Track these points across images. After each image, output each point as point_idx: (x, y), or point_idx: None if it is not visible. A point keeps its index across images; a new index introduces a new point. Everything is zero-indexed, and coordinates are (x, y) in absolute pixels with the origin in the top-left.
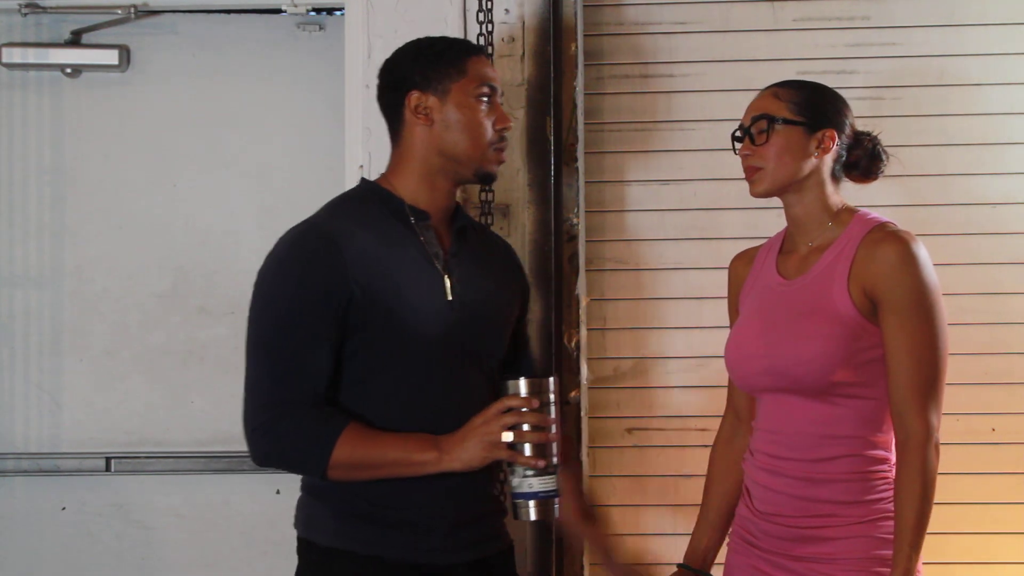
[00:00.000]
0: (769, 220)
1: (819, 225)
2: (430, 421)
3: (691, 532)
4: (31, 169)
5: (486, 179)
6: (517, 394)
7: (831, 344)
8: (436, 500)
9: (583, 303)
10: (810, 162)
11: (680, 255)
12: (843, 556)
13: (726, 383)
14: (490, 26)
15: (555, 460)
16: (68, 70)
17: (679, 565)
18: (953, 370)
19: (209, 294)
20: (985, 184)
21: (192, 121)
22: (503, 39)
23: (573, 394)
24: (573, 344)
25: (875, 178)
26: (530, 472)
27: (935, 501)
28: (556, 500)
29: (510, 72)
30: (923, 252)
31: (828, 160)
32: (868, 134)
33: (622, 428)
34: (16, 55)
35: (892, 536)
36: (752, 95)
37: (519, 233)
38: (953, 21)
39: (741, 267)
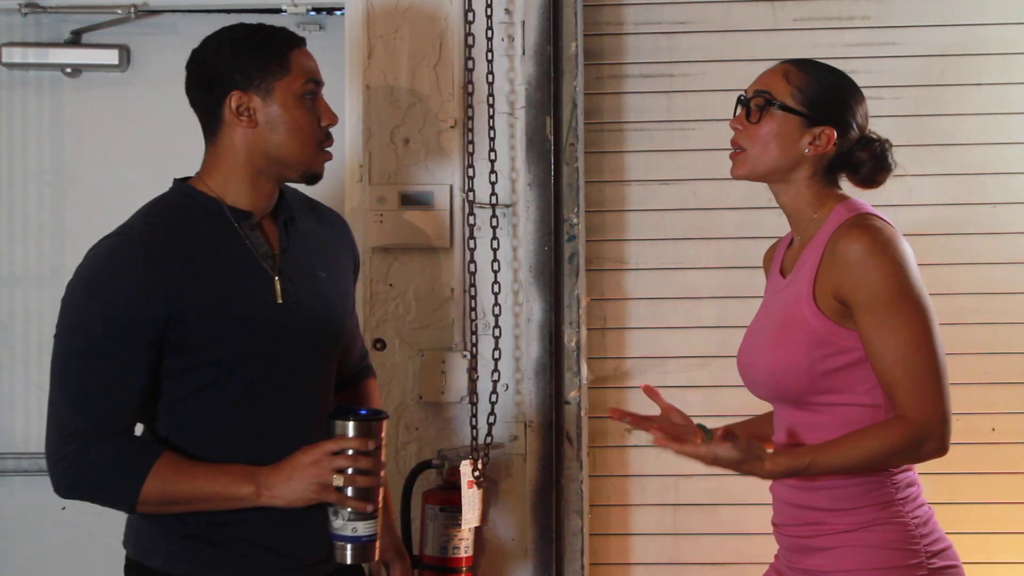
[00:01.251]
0: (769, 220)
1: (806, 218)
2: (263, 439)
3: (692, 531)
4: (31, 169)
5: (313, 180)
6: (348, 435)
7: (793, 353)
8: (273, 516)
9: (583, 303)
10: (798, 156)
11: (680, 255)
12: (836, 569)
13: (725, 383)
14: (490, 30)
15: (378, 504)
16: (68, 70)
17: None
18: (953, 370)
19: None
20: (985, 184)
21: (192, 121)
22: (503, 39)
23: (573, 394)
24: (573, 344)
25: (876, 186)
26: (354, 516)
27: (934, 501)
28: (376, 543)
29: (510, 72)
30: (891, 242)
31: (822, 157)
32: (879, 139)
33: (622, 428)
34: (16, 55)
35: (894, 545)
36: None
37: (519, 233)
38: (953, 21)
39: (767, 260)
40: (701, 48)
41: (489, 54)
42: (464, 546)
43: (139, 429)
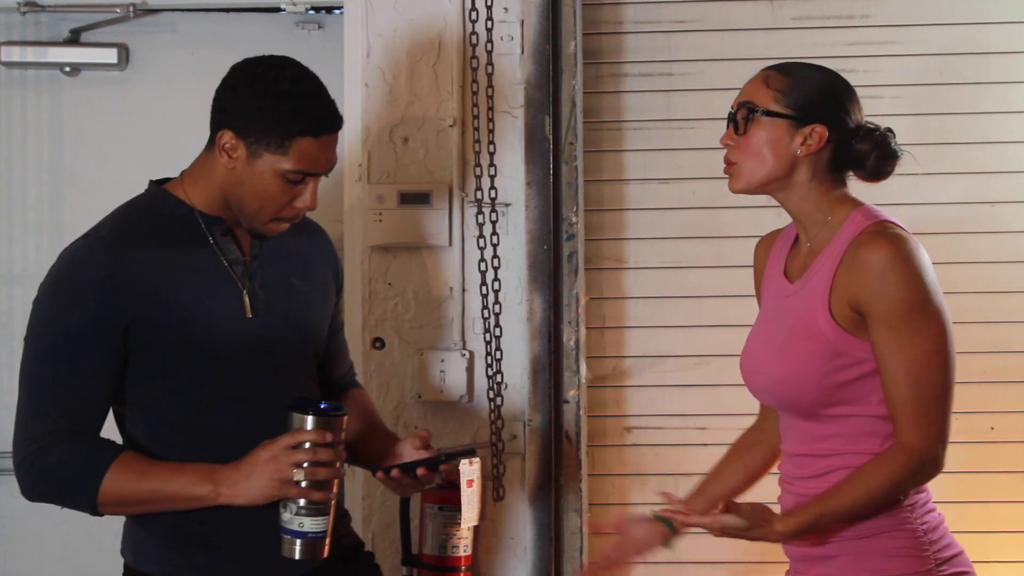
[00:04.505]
0: (769, 219)
1: (816, 223)
2: (234, 445)
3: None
4: (30, 168)
5: (259, 237)
6: (306, 428)
7: (804, 364)
8: (266, 517)
9: (582, 302)
10: (793, 159)
11: (679, 254)
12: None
13: (724, 382)
14: (489, 23)
15: (331, 500)
16: (67, 69)
17: (654, 514)
18: None
19: None
20: (984, 183)
21: (191, 120)
22: (502, 38)
23: (572, 393)
24: (572, 343)
25: (884, 178)
26: (304, 510)
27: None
28: (326, 540)
29: (509, 71)
30: (915, 253)
31: (819, 157)
32: (878, 128)
33: (621, 427)
34: (15, 54)
35: (902, 552)
36: None
37: (518, 232)
38: (952, 20)
39: (762, 253)
40: (700, 47)
41: (488, 53)
42: (463, 545)
43: (117, 435)
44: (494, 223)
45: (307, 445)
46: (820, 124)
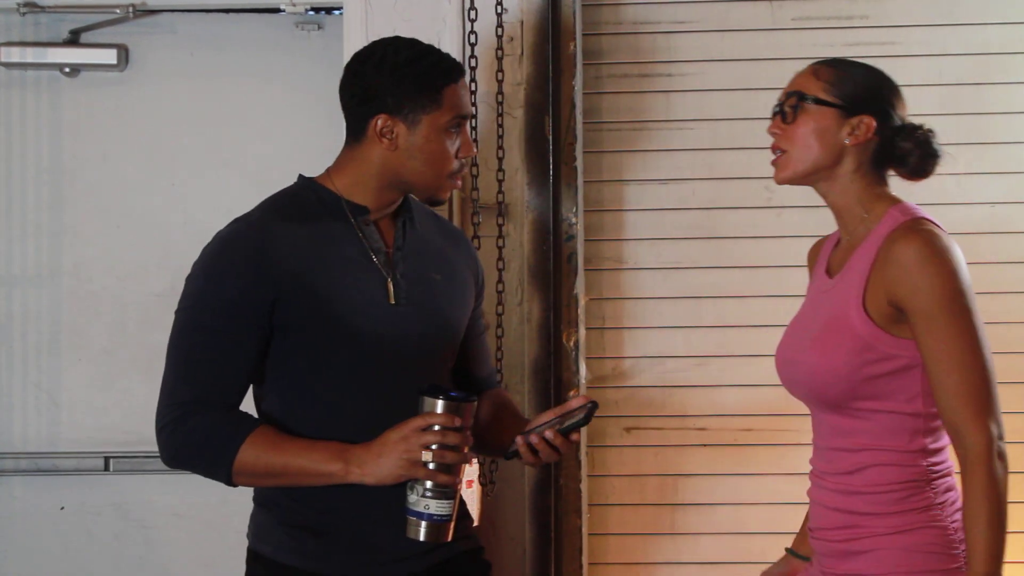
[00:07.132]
0: (768, 220)
1: (854, 218)
2: (366, 430)
3: (691, 531)
4: (29, 168)
5: (434, 204)
6: (436, 412)
7: (833, 356)
8: (380, 509)
9: (581, 302)
10: (840, 149)
11: (678, 254)
12: (876, 572)
13: (724, 382)
14: (490, 25)
15: (459, 484)
16: (67, 69)
17: (786, 549)
18: None
19: None
20: (984, 183)
21: (190, 120)
22: (501, 38)
23: (572, 393)
24: (572, 343)
25: (926, 176)
26: (430, 493)
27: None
28: (450, 524)
29: (509, 71)
30: (948, 249)
31: (865, 150)
32: (921, 127)
33: (620, 427)
34: (15, 54)
35: (933, 549)
36: (750, 94)
37: (518, 232)
38: (952, 20)
39: (812, 256)
40: (700, 48)
41: (487, 53)
42: None
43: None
44: (494, 223)
45: (436, 428)
46: (868, 115)
